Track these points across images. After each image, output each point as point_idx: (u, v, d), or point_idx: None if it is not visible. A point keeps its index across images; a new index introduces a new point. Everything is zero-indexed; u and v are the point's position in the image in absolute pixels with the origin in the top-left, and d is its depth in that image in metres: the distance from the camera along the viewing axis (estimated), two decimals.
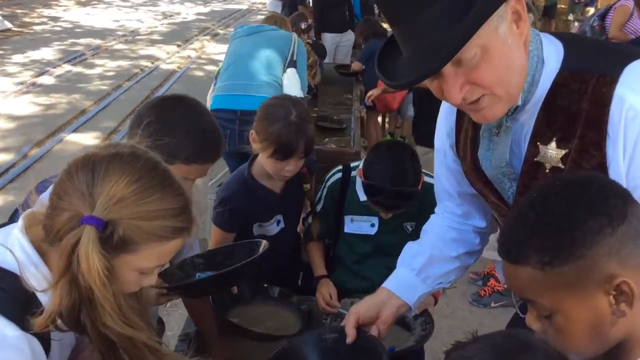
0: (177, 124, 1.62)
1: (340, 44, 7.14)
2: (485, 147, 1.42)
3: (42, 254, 1.15)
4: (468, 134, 1.48)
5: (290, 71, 3.81)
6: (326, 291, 2.29)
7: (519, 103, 1.28)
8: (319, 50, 5.67)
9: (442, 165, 1.67)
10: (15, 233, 1.16)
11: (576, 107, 1.24)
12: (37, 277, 1.13)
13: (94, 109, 7.51)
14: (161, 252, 1.17)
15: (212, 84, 4.14)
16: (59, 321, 1.12)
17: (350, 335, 1.62)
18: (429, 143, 1.83)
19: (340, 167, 2.43)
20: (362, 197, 2.32)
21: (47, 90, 8.26)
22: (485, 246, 1.79)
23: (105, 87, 8.56)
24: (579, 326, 0.98)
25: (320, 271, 2.41)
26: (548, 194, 1.02)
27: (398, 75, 1.24)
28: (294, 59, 3.83)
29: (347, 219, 2.38)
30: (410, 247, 1.77)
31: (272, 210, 2.28)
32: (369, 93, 5.29)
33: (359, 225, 2.37)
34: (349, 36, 7.18)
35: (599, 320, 0.97)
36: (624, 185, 1.16)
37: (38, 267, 1.14)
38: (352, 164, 2.42)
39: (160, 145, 1.29)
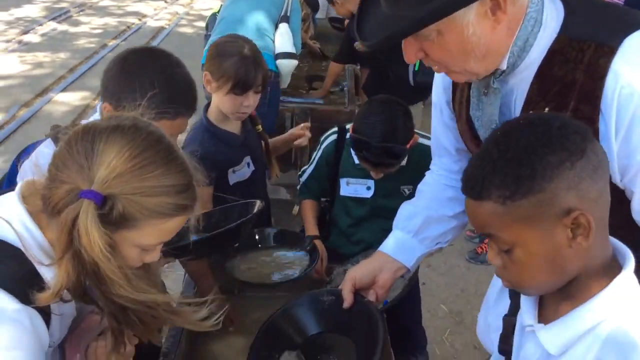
0: (140, 75, 1.53)
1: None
2: (474, 107, 1.39)
3: (41, 226, 1.12)
4: (464, 93, 1.45)
5: (283, 26, 3.70)
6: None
7: (504, 68, 1.26)
8: (311, 2, 5.52)
9: (439, 122, 1.64)
10: (13, 203, 1.13)
11: (571, 76, 1.21)
12: (37, 250, 1.10)
13: (81, 68, 7.36)
14: (163, 229, 1.13)
15: (204, 39, 4.06)
16: (64, 292, 1.10)
17: (347, 300, 1.62)
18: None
19: (336, 128, 2.39)
20: (357, 160, 2.29)
21: (33, 48, 8.08)
22: None
23: (92, 45, 8.39)
24: (538, 260, 1.00)
25: (310, 230, 2.40)
26: (510, 131, 1.03)
27: (372, 34, 1.26)
28: (288, 11, 3.73)
29: (343, 181, 2.36)
30: (405, 209, 1.75)
31: (239, 152, 2.26)
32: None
33: (355, 188, 2.34)
34: None
35: (556, 254, 0.99)
36: (614, 164, 1.17)
37: (38, 241, 1.11)
38: (347, 126, 2.36)
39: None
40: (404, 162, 2.23)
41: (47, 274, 1.10)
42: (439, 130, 1.66)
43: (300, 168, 4.09)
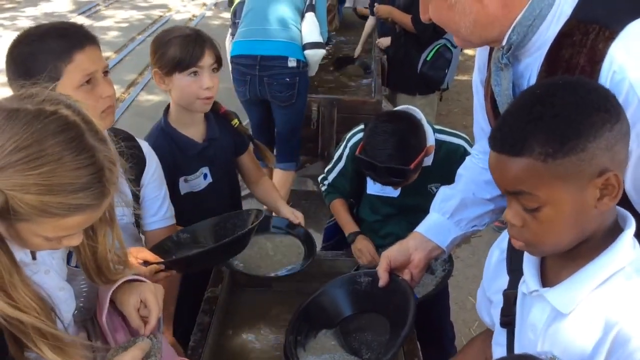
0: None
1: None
2: (494, 81, 1.41)
3: None
4: (491, 70, 1.45)
5: (309, 16, 3.67)
6: (365, 248, 2.26)
7: (504, 43, 1.28)
8: None
9: (477, 102, 1.65)
10: None
11: (575, 60, 1.21)
12: None
13: (111, 62, 7.44)
14: (60, 226, 1.03)
15: (229, 30, 4.06)
16: None
17: (382, 278, 1.64)
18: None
19: (362, 126, 2.34)
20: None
21: None
22: None
23: (121, 39, 8.48)
24: (565, 217, 1.02)
25: (351, 227, 2.38)
26: (554, 90, 1.03)
27: None
28: (313, 2, 3.69)
29: (369, 180, 2.32)
30: (442, 192, 1.75)
31: (195, 161, 2.12)
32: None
33: (381, 187, 2.30)
34: None
35: (582, 213, 1.02)
36: None
37: None
38: None
39: None
40: (429, 162, 2.19)
41: None
42: (478, 111, 1.66)
43: (327, 159, 4.11)
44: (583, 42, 1.19)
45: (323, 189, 2.51)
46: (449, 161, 2.11)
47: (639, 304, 1.00)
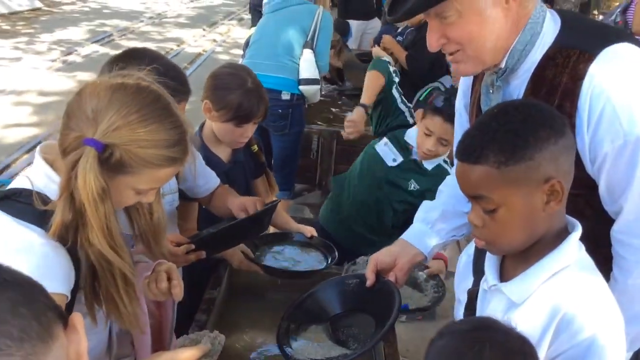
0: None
1: (365, 32, 6.99)
2: (484, 102, 1.57)
3: (58, 171, 1.27)
4: (477, 94, 1.63)
5: (307, 52, 3.93)
6: (359, 119, 3.04)
7: (502, 66, 1.45)
8: (339, 27, 5.55)
9: (459, 125, 1.83)
10: (36, 161, 1.31)
11: (558, 79, 1.39)
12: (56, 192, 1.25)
13: None
14: (155, 177, 1.27)
15: (242, 55, 4.29)
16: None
17: (370, 279, 1.80)
18: None
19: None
20: (408, 139, 2.71)
21: (76, 68, 8.46)
22: None
23: None
24: (518, 219, 1.18)
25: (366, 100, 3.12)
26: (507, 109, 1.23)
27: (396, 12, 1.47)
28: (315, 34, 3.93)
29: (383, 140, 2.79)
30: (424, 205, 1.94)
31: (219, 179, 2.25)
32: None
33: (386, 151, 2.73)
34: (375, 23, 7.00)
35: (532, 215, 1.18)
36: (587, 155, 1.36)
37: (57, 183, 1.25)
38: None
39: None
40: (430, 167, 2.64)
41: None
42: (458, 133, 1.83)
43: (325, 188, 4.28)
44: (565, 63, 1.37)
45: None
46: (436, 177, 2.41)
47: (580, 294, 1.17)
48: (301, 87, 3.89)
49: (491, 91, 1.53)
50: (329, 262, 2.19)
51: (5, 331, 0.65)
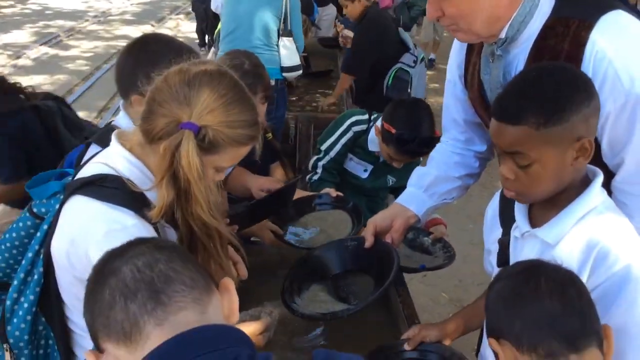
0: (162, 58, 1.51)
1: (322, 18, 7.17)
2: (484, 71, 1.69)
3: (139, 157, 1.36)
4: (476, 66, 1.75)
5: (287, 40, 4.04)
6: None
7: (502, 36, 1.55)
8: (305, 7, 5.55)
9: (451, 95, 1.95)
10: (115, 148, 1.37)
11: (559, 47, 1.51)
12: (142, 178, 1.34)
13: (79, 89, 7.60)
14: (236, 155, 1.36)
15: (212, 49, 4.33)
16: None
17: (369, 240, 1.95)
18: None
19: (366, 116, 2.72)
20: (372, 147, 2.67)
21: (29, 71, 8.30)
22: (482, 170, 2.08)
23: (87, 68, 8.62)
24: (549, 173, 1.30)
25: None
26: (542, 73, 1.33)
27: None
28: (288, 17, 4.02)
29: (348, 156, 2.76)
30: (418, 170, 2.08)
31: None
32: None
33: (355, 166, 2.75)
34: (330, 10, 7.20)
35: (563, 169, 1.30)
36: None
37: (142, 170, 1.35)
38: (373, 116, 2.71)
39: None
40: (399, 164, 2.63)
41: (151, 196, 1.32)
42: (451, 103, 1.96)
43: (305, 173, 4.37)
44: (566, 32, 1.49)
45: (315, 177, 2.80)
46: (409, 164, 2.55)
47: (611, 230, 1.30)
48: (285, 74, 4.02)
49: (491, 60, 1.64)
50: (355, 223, 2.28)
51: (180, 279, 0.86)
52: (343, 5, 4.83)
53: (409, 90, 4.56)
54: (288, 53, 4.04)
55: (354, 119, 2.74)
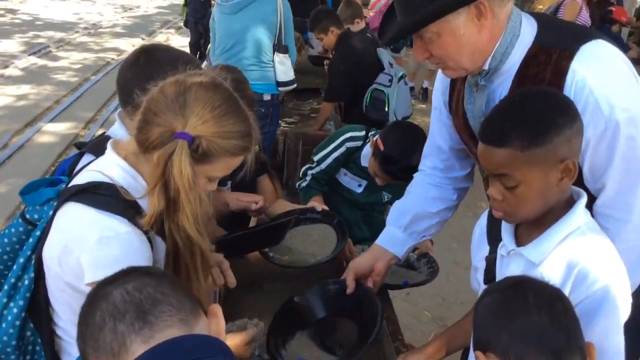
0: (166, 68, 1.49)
1: (314, 37, 7.14)
2: (467, 100, 1.74)
3: (132, 165, 1.38)
4: (460, 93, 1.80)
5: (282, 57, 4.12)
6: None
7: (486, 68, 1.60)
8: (299, 26, 5.53)
9: (437, 121, 1.98)
10: (110, 157, 1.40)
11: (541, 75, 1.56)
12: (135, 187, 1.36)
13: (67, 100, 7.57)
14: (228, 165, 1.38)
15: (206, 60, 4.39)
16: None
17: (350, 286, 1.97)
18: None
19: (363, 132, 2.72)
20: (364, 163, 2.66)
21: (17, 81, 8.26)
22: (461, 201, 2.11)
23: (75, 79, 8.60)
24: (535, 194, 1.33)
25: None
26: (527, 97, 1.37)
27: (387, 35, 1.68)
28: (282, 31, 4.09)
29: (342, 171, 2.76)
30: (396, 207, 2.10)
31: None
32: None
33: (350, 181, 2.75)
34: None
35: (548, 190, 1.33)
36: None
37: (136, 179, 1.37)
38: (370, 133, 2.72)
39: None
40: None
41: (144, 204, 1.34)
42: (436, 129, 2.00)
43: (292, 189, 4.39)
44: (547, 61, 1.54)
45: (304, 184, 2.82)
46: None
47: (592, 251, 1.34)
48: (280, 89, 4.14)
49: (475, 90, 1.69)
50: (340, 239, 2.28)
51: (167, 301, 0.89)
52: (319, 39, 4.90)
53: (386, 109, 4.59)
54: (284, 68, 4.13)
55: (349, 134, 2.74)
